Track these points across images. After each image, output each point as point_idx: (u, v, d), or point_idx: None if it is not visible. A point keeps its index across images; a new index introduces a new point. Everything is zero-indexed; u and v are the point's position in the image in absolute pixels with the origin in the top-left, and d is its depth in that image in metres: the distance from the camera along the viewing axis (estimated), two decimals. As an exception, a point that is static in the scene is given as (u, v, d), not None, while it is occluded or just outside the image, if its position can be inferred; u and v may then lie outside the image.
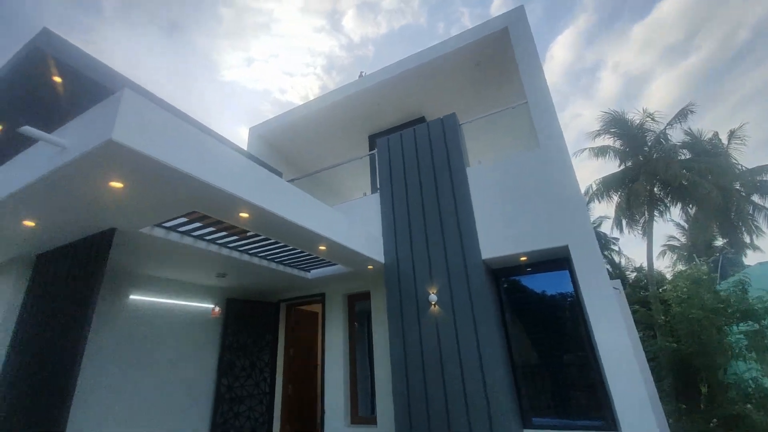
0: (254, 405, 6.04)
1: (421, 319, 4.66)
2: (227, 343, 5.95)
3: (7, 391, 3.37)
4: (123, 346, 4.65)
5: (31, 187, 2.68)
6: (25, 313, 3.72)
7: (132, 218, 3.28)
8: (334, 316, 6.25)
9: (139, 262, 4.60)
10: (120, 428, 4.41)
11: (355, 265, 5.21)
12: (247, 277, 5.70)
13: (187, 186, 2.74)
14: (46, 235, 3.55)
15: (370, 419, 5.51)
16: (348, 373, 5.89)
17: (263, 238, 4.22)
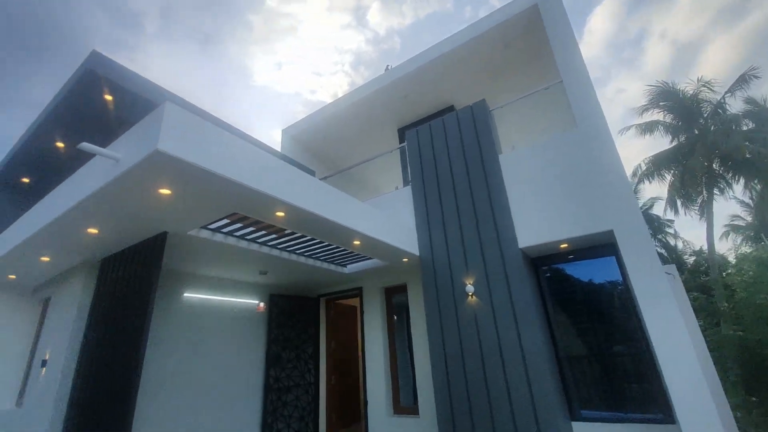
0: (300, 394, 6.31)
1: (459, 310, 4.63)
2: (273, 337, 6.24)
3: (84, 376, 3.76)
4: (180, 339, 5.03)
5: (92, 198, 2.95)
6: (94, 311, 4.13)
7: (180, 222, 3.51)
8: (372, 309, 6.35)
9: (189, 263, 4.93)
10: (181, 412, 4.79)
11: (391, 258, 5.26)
12: (287, 274, 5.92)
13: (227, 189, 2.89)
14: (108, 241, 3.89)
15: (412, 409, 5.57)
16: (388, 364, 5.99)
17: (300, 236, 4.37)
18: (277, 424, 5.84)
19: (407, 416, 5.50)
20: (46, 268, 4.78)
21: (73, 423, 3.63)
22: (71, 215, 3.24)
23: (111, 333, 3.69)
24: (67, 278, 4.78)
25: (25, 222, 4.22)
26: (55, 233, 3.67)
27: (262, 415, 5.74)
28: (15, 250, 4.24)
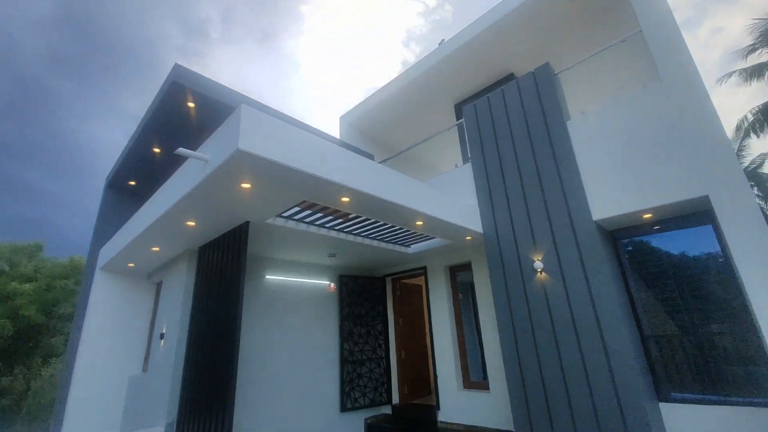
0: (373, 367, 6.72)
1: (527, 287, 4.52)
2: (344, 314, 6.69)
3: (194, 345, 4.45)
4: (265, 314, 5.64)
5: (189, 195, 3.41)
6: (197, 291, 4.81)
7: (259, 211, 3.90)
8: (437, 288, 6.46)
9: (268, 248, 5.45)
10: (271, 378, 5.42)
11: (454, 237, 5.26)
12: (354, 256, 6.24)
13: (297, 179, 3.14)
14: (203, 231, 4.47)
15: (482, 384, 5.64)
16: (456, 341, 6.09)
17: (364, 219, 4.57)
18: (354, 393, 6.32)
19: (477, 391, 5.58)
20: (157, 257, 5.64)
21: (190, 383, 4.33)
22: (174, 211, 3.78)
23: (212, 310, 4.28)
24: (173, 264, 5.59)
25: (137, 219, 5.01)
26: (162, 227, 4.31)
27: (341, 384, 6.25)
28: (132, 243, 5.07)
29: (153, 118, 5.87)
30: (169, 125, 5.86)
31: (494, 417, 5.21)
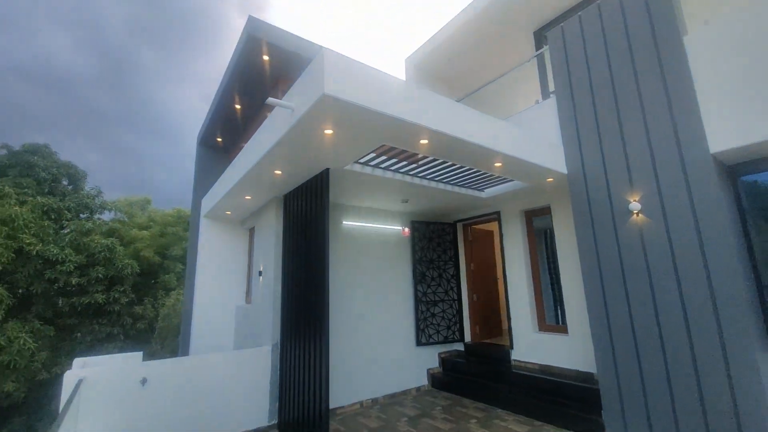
0: (446, 308, 7.02)
1: (619, 230, 4.19)
2: (417, 258, 6.93)
3: (289, 280, 5.02)
4: (345, 257, 6.08)
5: (277, 145, 3.64)
6: (286, 235, 5.31)
7: (339, 158, 4.04)
8: (511, 233, 6.30)
9: (346, 195, 5.70)
10: (354, 313, 5.97)
11: (533, 179, 4.98)
12: (426, 201, 6.28)
13: (378, 122, 3.15)
14: (288, 180, 4.81)
15: (559, 327, 5.60)
16: (531, 285, 6.02)
17: (440, 162, 4.51)
18: (428, 330, 6.73)
19: (554, 334, 5.58)
20: (249, 205, 6.27)
21: (288, 312, 4.96)
22: (263, 161, 4.10)
23: (302, 250, 4.72)
24: (263, 212, 6.18)
25: (231, 172, 5.53)
26: (253, 177, 4.73)
27: (416, 322, 6.67)
28: (229, 193, 5.66)
29: (233, 74, 6.20)
30: (249, 79, 6.14)
31: (572, 359, 5.21)
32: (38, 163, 12.87)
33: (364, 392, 5.80)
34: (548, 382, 5.09)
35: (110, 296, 12.49)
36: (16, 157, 12.87)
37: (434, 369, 6.75)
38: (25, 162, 12.73)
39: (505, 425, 4.78)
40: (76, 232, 12.42)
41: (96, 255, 12.32)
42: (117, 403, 3.96)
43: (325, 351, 3.92)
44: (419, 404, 5.76)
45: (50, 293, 11.47)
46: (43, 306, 11.31)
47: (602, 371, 4.21)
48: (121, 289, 12.92)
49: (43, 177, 12.86)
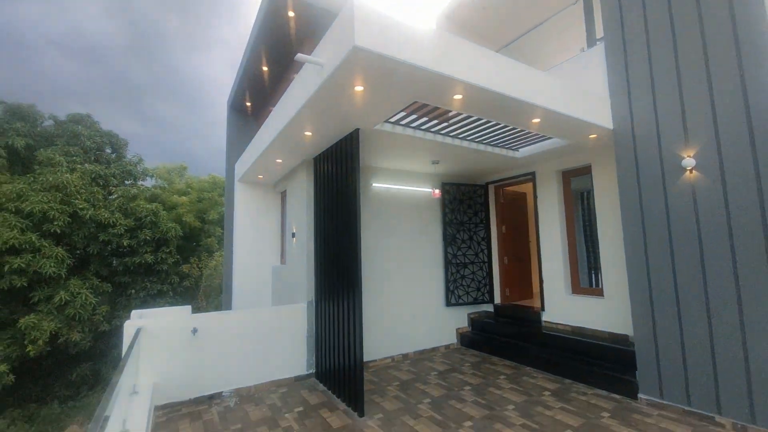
0: (476, 270, 7.02)
1: (668, 189, 3.91)
2: (447, 220, 6.87)
3: (321, 241, 5.16)
4: (374, 220, 6.13)
5: (307, 105, 3.58)
6: (317, 197, 5.38)
7: (369, 117, 3.95)
8: (547, 194, 6.06)
9: (375, 157, 5.64)
10: (383, 275, 6.10)
11: (574, 136, 4.68)
12: (457, 162, 6.11)
13: (410, 76, 3.01)
14: (317, 141, 4.79)
15: (594, 290, 5.49)
16: (566, 248, 5.86)
17: (473, 120, 4.31)
18: (457, 291, 6.80)
19: (588, 296, 5.47)
20: (280, 168, 6.36)
21: (321, 271, 5.14)
22: (294, 122, 4.07)
23: (333, 211, 4.79)
24: (294, 175, 6.27)
25: (262, 135, 5.57)
26: (283, 140, 4.74)
27: (445, 283, 6.75)
28: (260, 157, 5.75)
29: (259, 34, 6.07)
30: (275, 38, 6.00)
31: (606, 321, 5.13)
32: (83, 132, 13.55)
33: (395, 348, 6.05)
34: (580, 342, 5.07)
35: (158, 257, 13.45)
36: (62, 127, 13.60)
37: (463, 328, 6.89)
38: (70, 131, 13.44)
39: (534, 381, 4.87)
40: (123, 198, 13.23)
41: (143, 219, 13.15)
42: (171, 350, 4.36)
43: (359, 309, 4.06)
44: (448, 360, 5.96)
45: (105, 254, 12.50)
46: (100, 265, 12.38)
47: (640, 334, 4.13)
48: (167, 251, 13.85)
49: (89, 146, 13.58)
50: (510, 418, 3.82)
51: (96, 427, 1.77)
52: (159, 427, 3.82)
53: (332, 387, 4.66)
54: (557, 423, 3.69)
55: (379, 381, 5.07)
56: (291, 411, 4.15)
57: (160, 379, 4.26)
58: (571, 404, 4.13)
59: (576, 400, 4.25)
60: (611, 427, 3.58)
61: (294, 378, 5.12)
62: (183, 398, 4.37)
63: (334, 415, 4.03)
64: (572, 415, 3.85)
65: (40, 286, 10.40)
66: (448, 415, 3.93)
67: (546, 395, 4.41)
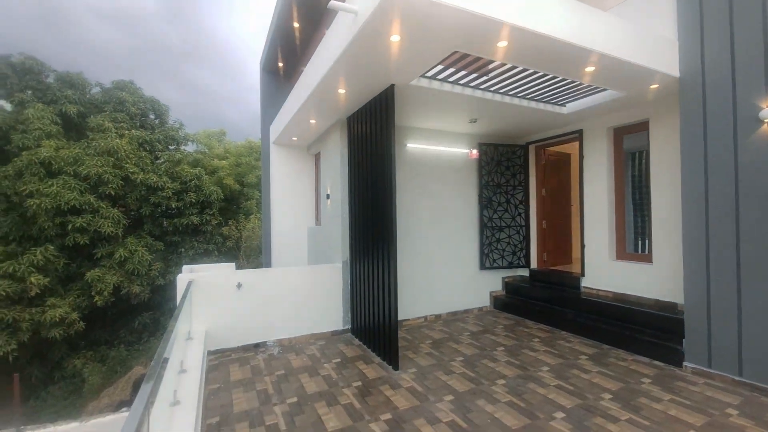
0: (512, 234, 6.83)
1: (740, 144, 3.49)
2: (484, 182, 6.64)
3: (355, 203, 5.18)
4: (409, 181, 6.04)
5: (340, 59, 3.44)
6: (350, 158, 5.34)
7: (405, 71, 3.75)
8: (595, 153, 5.64)
9: (410, 116, 5.44)
10: (418, 238, 6.09)
11: (632, 86, 4.23)
12: (497, 120, 5.77)
13: (451, 22, 2.77)
14: (351, 100, 4.66)
15: (641, 256, 5.19)
16: (612, 212, 5.51)
17: (517, 72, 3.99)
18: (492, 255, 6.70)
19: (634, 262, 5.19)
20: (314, 129, 6.33)
21: (356, 232, 5.21)
22: (327, 80, 3.96)
23: (367, 171, 4.75)
24: (327, 136, 6.22)
25: (295, 95, 5.51)
26: (317, 99, 4.66)
27: (480, 246, 6.65)
28: (294, 118, 5.73)
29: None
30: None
31: (653, 288, 4.88)
32: (127, 99, 14.12)
33: (428, 308, 6.15)
34: (621, 309, 4.89)
35: (203, 218, 14.25)
36: (108, 94, 14.22)
37: (497, 292, 6.85)
38: (116, 98, 14.04)
39: (569, 345, 4.81)
40: (169, 162, 13.91)
41: (188, 183, 13.84)
42: (219, 301, 4.69)
43: (393, 269, 4.10)
44: (481, 322, 6.00)
45: (156, 215, 13.40)
46: (152, 225, 13.33)
47: (691, 301, 3.89)
48: (210, 213, 14.62)
49: (133, 112, 14.17)
50: (544, 379, 3.82)
51: (157, 366, 1.95)
52: (212, 369, 4.20)
53: (367, 342, 4.85)
54: (594, 386, 3.65)
55: (413, 339, 5.21)
56: (329, 361, 4.40)
57: (211, 327, 4.63)
58: (609, 369, 4.05)
59: (614, 365, 4.16)
60: (652, 392, 3.49)
61: (331, 332, 5.39)
62: (232, 345, 4.74)
63: (369, 367, 4.22)
64: (610, 379, 3.78)
65: (101, 243, 11.42)
66: (481, 373, 4.00)
67: (582, 359, 4.35)
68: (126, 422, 1.34)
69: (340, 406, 3.31)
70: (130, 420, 1.36)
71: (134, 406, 1.49)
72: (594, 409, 3.20)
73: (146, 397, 1.56)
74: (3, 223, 10.41)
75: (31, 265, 9.73)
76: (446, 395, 3.51)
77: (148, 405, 1.52)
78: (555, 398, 3.41)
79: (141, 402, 1.51)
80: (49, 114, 11.79)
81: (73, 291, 10.86)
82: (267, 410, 3.27)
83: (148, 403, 1.53)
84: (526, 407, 3.25)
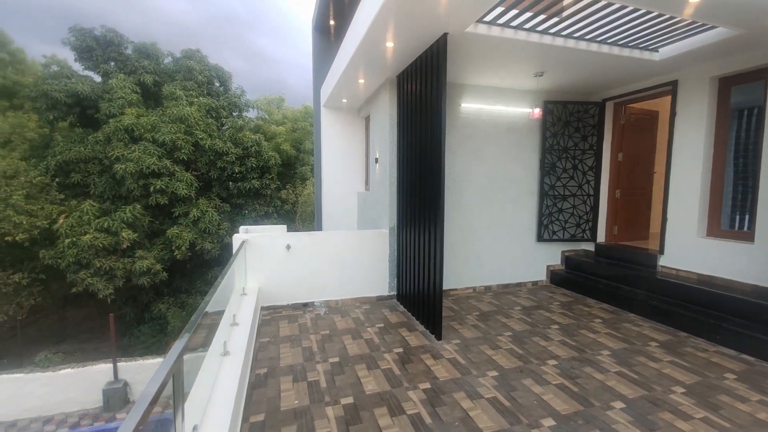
0: (578, 204, 6.16)
1: None
2: (547, 146, 5.97)
3: (405, 167, 4.96)
4: (462, 145, 5.62)
5: (386, 1, 3.11)
6: (400, 120, 5.06)
7: (460, 14, 3.30)
8: (691, 108, 4.71)
9: (466, 72, 4.94)
10: (470, 206, 5.75)
11: (749, 21, 3.32)
12: (568, 73, 5.03)
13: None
14: (400, 54, 4.31)
15: (741, 234, 4.36)
16: (708, 181, 4.64)
17: (598, 9, 3.33)
18: (552, 226, 6.14)
19: (731, 240, 4.38)
20: (363, 90, 6.09)
21: (404, 197, 5.03)
22: (373, 30, 3.66)
23: (417, 135, 4.46)
24: (376, 97, 5.96)
25: (343, 52, 5.27)
26: (364, 54, 4.38)
27: (539, 216, 6.11)
28: (342, 77, 5.52)
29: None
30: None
31: (752, 272, 4.10)
32: (195, 68, 14.89)
33: (478, 279, 5.90)
34: (707, 293, 4.21)
35: (263, 183, 15.03)
36: (178, 63, 15.10)
37: (555, 266, 6.34)
38: (185, 67, 14.87)
39: (637, 329, 4.31)
40: (233, 129, 14.66)
41: (249, 148, 14.55)
42: (270, 261, 4.91)
43: (440, 236, 3.89)
44: (535, 296, 5.62)
45: (222, 179, 14.41)
46: (220, 188, 14.40)
47: (805, 290, 3.19)
48: (269, 177, 15.36)
49: (201, 80, 14.95)
50: (603, 363, 3.47)
51: (196, 320, 2.02)
52: (264, 323, 4.46)
53: (412, 309, 4.80)
54: (663, 377, 3.23)
55: (459, 309, 5.06)
56: (373, 326, 4.44)
57: (264, 285, 4.89)
58: (685, 359, 3.56)
59: (692, 355, 3.65)
60: (736, 390, 3.00)
61: (376, 297, 5.42)
62: (282, 302, 5.00)
63: (412, 335, 4.18)
64: (685, 371, 3.32)
65: (178, 204, 12.62)
66: (531, 351, 3.75)
67: (652, 345, 3.87)
68: (156, 372, 1.38)
69: (379, 371, 3.32)
70: (160, 370, 1.39)
71: (168, 356, 1.53)
72: (662, 403, 2.83)
73: (180, 349, 1.60)
74: (99, 184, 11.91)
75: (123, 221, 11.09)
76: (490, 370, 3.34)
77: (180, 357, 1.56)
78: (614, 386, 3.08)
79: (174, 353, 1.55)
80: (130, 84, 12.88)
81: (157, 245, 12.28)
82: (310, 367, 3.39)
83: (180, 356, 1.57)
84: (580, 392, 2.98)
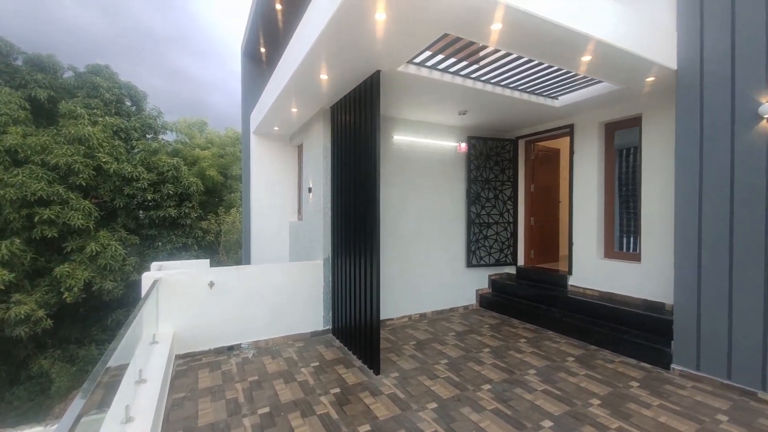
0: (500, 230, 6.68)
1: (737, 141, 3.36)
2: (472, 177, 6.45)
3: (338, 198, 4.91)
4: (394, 176, 5.79)
5: (322, 36, 3.14)
6: (334, 149, 5.05)
7: (392, 55, 3.48)
8: (585, 149, 5.50)
9: (397, 106, 5.17)
10: (405, 233, 5.87)
11: (628, 78, 4.06)
12: (487, 113, 5.56)
13: (441, 2, 2.52)
14: (334, 86, 4.36)
15: (630, 255, 5.09)
16: (602, 209, 5.39)
17: (509, 60, 3.77)
18: (479, 252, 6.53)
19: (623, 261, 5.09)
20: (296, 119, 6.00)
21: (339, 228, 4.94)
22: (308, 62, 3.65)
23: (351, 165, 4.47)
24: (310, 126, 5.90)
25: (275, 81, 5.17)
26: (298, 84, 4.35)
27: (467, 243, 6.47)
28: (275, 105, 5.39)
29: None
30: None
31: (641, 288, 4.78)
32: (102, 84, 13.37)
33: (413, 307, 5.95)
34: (609, 308, 4.78)
35: (181, 211, 13.69)
36: (82, 79, 13.44)
37: (483, 290, 6.70)
38: (90, 83, 13.28)
39: (556, 346, 4.68)
40: (145, 152, 13.28)
41: (165, 173, 13.25)
42: (189, 301, 4.36)
43: (376, 266, 3.86)
44: (467, 321, 5.83)
45: (131, 207, 12.80)
46: (127, 218, 12.73)
47: (681, 302, 3.78)
48: (189, 205, 14.07)
49: (108, 98, 13.44)
50: (531, 383, 3.66)
51: (93, 380, 1.66)
52: (179, 375, 3.89)
53: (348, 344, 4.61)
54: (582, 390, 3.51)
55: (396, 340, 5.00)
56: (307, 365, 4.14)
57: (180, 329, 4.31)
58: (597, 371, 3.93)
59: (602, 367, 4.04)
60: (641, 397, 3.37)
61: (311, 333, 5.13)
62: (203, 348, 4.44)
63: (349, 371, 3.99)
64: (598, 383, 3.65)
65: (71, 237, 10.81)
66: (466, 377, 3.82)
67: (570, 361, 4.22)
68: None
69: (315, 417, 3.07)
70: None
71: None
72: (583, 417, 3.05)
73: (72, 418, 1.28)
74: (-38, 214, 9.73)
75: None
76: (429, 402, 3.30)
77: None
78: (542, 404, 3.25)
79: (65, 425, 1.23)
80: (17, 99, 11.06)
81: (40, 287, 10.27)
82: (235, 422, 3.00)
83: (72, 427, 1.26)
84: (513, 415, 3.08)
